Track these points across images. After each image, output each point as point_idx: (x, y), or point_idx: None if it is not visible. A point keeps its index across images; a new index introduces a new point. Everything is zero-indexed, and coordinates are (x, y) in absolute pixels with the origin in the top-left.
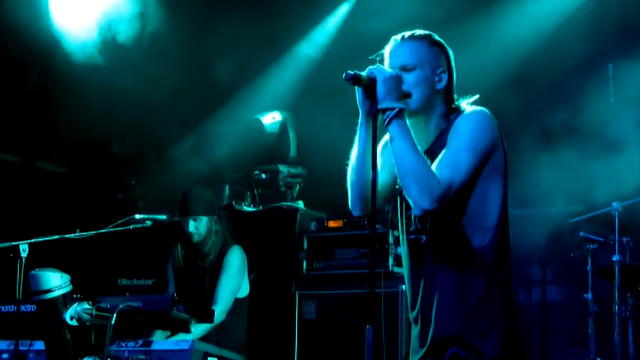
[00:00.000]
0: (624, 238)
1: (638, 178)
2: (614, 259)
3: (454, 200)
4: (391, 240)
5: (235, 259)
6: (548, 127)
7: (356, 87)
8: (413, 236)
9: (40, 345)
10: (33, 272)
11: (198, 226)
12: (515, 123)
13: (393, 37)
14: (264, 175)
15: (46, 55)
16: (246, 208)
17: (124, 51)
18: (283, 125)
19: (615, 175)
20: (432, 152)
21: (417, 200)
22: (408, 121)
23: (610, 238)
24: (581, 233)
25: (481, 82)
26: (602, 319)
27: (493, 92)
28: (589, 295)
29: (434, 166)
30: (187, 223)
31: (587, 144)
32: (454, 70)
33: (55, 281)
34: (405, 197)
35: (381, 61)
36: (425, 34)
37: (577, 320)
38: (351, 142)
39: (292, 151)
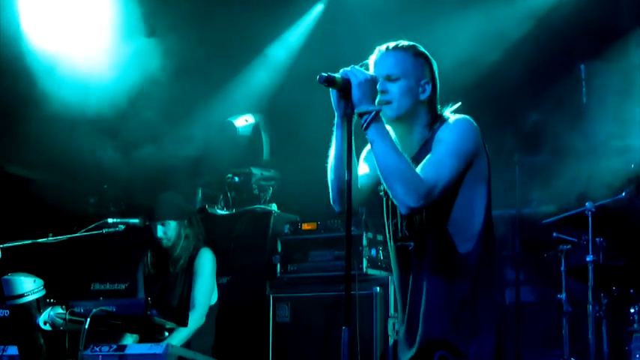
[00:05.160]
0: (597, 239)
1: (610, 179)
2: (587, 259)
3: (440, 207)
4: (365, 242)
5: (207, 262)
6: (521, 127)
7: (330, 89)
8: (400, 243)
9: (13, 350)
10: (6, 277)
11: (166, 231)
12: (488, 123)
13: (378, 48)
14: (237, 178)
15: (16, 60)
16: (219, 212)
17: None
18: (256, 128)
19: (588, 176)
20: (416, 161)
21: (403, 199)
22: (392, 129)
23: (583, 238)
24: (555, 234)
25: (454, 82)
26: (576, 320)
27: (466, 92)
28: (563, 296)
29: (418, 169)
30: (156, 228)
31: (560, 144)
32: (437, 81)
33: (28, 286)
34: (389, 204)
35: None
36: (409, 45)
37: (551, 321)
38: (325, 144)
39: (265, 154)
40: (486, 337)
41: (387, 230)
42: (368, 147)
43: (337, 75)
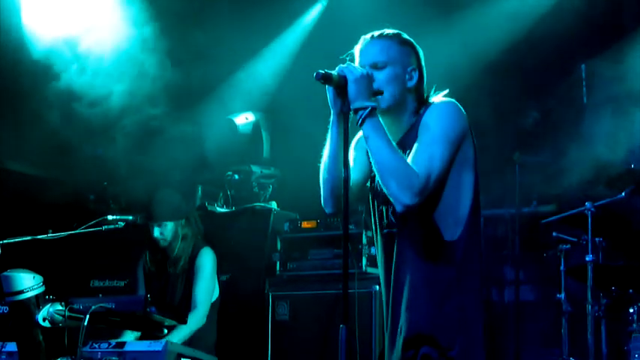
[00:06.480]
0: (597, 238)
1: (610, 178)
2: (587, 259)
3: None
4: (365, 240)
5: (208, 261)
6: (521, 127)
7: (327, 86)
8: (386, 230)
9: (12, 346)
10: (5, 273)
11: (163, 232)
12: (489, 123)
13: (363, 37)
14: (237, 176)
15: (14, 56)
16: (219, 209)
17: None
18: (256, 126)
19: (588, 175)
20: (402, 146)
21: (398, 196)
22: (380, 117)
23: (583, 238)
24: (554, 233)
25: (454, 81)
26: (575, 319)
27: (466, 91)
28: (562, 295)
29: (409, 161)
30: (153, 229)
31: (560, 144)
32: (424, 68)
33: (28, 282)
34: (376, 194)
35: (352, 61)
36: (394, 33)
37: (550, 320)
38: (324, 141)
39: (265, 152)
40: (472, 335)
41: (373, 220)
42: (355, 139)
43: (334, 72)
